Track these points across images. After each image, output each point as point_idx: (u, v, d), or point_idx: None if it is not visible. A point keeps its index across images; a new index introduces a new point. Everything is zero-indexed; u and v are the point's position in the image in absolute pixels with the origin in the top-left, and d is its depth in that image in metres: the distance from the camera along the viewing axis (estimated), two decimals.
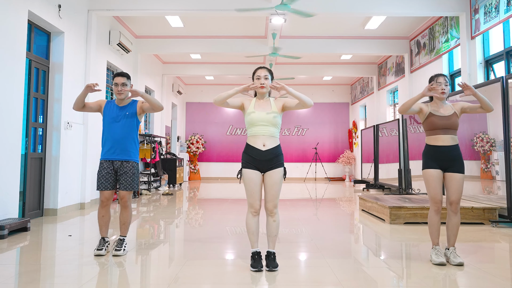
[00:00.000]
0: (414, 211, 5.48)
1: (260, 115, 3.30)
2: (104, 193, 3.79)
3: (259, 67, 3.44)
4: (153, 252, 3.98)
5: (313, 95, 15.98)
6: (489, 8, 6.77)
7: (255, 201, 3.28)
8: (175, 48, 10.32)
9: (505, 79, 5.32)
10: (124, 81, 3.81)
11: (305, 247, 4.18)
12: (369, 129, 11.67)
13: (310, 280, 3.05)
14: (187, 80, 15.43)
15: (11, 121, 5.11)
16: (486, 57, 7.21)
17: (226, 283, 2.98)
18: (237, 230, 5.03)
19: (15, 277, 3.09)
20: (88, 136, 7.17)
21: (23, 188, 5.72)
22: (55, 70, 6.45)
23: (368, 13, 7.79)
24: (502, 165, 5.68)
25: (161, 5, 7.52)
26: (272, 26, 8.77)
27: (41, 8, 5.84)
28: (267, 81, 3.37)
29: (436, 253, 3.45)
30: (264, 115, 3.30)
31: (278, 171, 3.30)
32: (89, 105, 3.89)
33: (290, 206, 7.57)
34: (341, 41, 10.35)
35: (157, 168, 10.75)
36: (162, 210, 7.07)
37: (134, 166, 3.83)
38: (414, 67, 9.94)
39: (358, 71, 12.93)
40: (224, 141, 16.01)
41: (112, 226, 5.07)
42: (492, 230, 5.07)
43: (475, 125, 6.52)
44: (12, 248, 4.10)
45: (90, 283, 2.94)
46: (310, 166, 15.86)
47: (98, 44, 7.80)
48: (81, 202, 7.00)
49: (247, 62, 12.48)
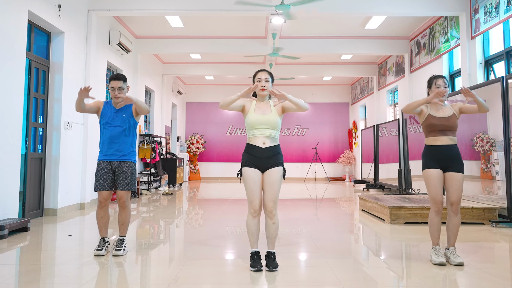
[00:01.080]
0: (414, 211, 5.48)
1: (260, 117, 3.32)
2: (102, 193, 3.79)
3: (259, 70, 3.47)
4: (153, 252, 3.98)
5: (313, 95, 15.99)
6: (489, 8, 6.77)
7: (254, 200, 3.29)
8: (175, 48, 10.32)
9: (505, 79, 5.32)
10: (120, 84, 3.80)
11: (305, 247, 4.18)
12: (369, 129, 11.67)
13: (310, 280, 3.05)
14: (187, 80, 15.43)
15: (11, 121, 5.11)
16: (486, 57, 7.21)
17: (226, 283, 2.98)
18: (237, 230, 5.03)
19: (15, 277, 3.09)
20: (88, 136, 7.17)
21: (23, 188, 5.72)
22: (55, 70, 6.45)
23: (368, 13, 7.79)
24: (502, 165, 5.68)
25: (161, 5, 7.52)
26: (272, 26, 8.77)
27: (41, 8, 5.84)
28: (268, 83, 3.39)
29: (436, 253, 3.45)
30: (264, 118, 3.32)
31: (277, 169, 3.31)
32: (89, 106, 3.89)
33: (290, 206, 7.57)
34: (341, 41, 10.35)
35: (157, 168, 10.75)
36: (162, 210, 7.07)
37: (132, 166, 3.84)
38: (414, 67, 9.94)
39: (358, 71, 12.93)
40: (224, 141, 16.01)
41: (112, 226, 5.07)
42: (492, 230, 5.07)
43: (475, 125, 6.52)
44: (12, 248, 4.10)
45: (90, 283, 2.94)
46: (310, 166, 15.85)
47: (98, 44, 7.80)
48: (81, 202, 7.00)
49: (247, 62, 12.48)
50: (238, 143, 15.82)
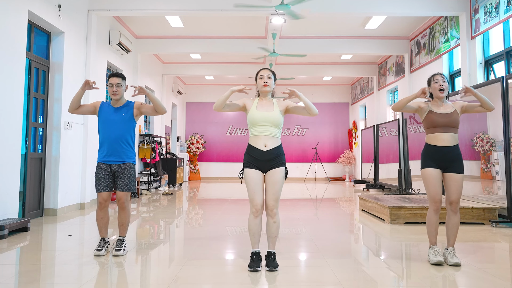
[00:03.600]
0: (414, 211, 5.48)
1: (262, 115, 3.31)
2: (102, 194, 3.79)
3: (262, 68, 3.47)
4: (153, 252, 3.98)
5: (313, 95, 15.98)
6: (489, 8, 6.77)
7: (256, 200, 3.28)
8: (175, 48, 10.31)
9: (505, 79, 5.32)
10: (119, 81, 3.81)
11: (305, 247, 4.18)
12: (369, 129, 11.67)
13: (310, 280, 3.05)
14: (187, 80, 15.43)
15: (11, 121, 5.11)
16: (486, 57, 7.21)
17: (226, 283, 2.98)
18: (237, 230, 5.03)
19: (15, 277, 3.09)
20: (88, 136, 7.17)
21: (23, 188, 5.72)
22: (55, 70, 6.45)
23: (368, 13, 7.79)
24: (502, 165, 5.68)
25: (161, 5, 7.52)
26: (272, 26, 8.77)
27: (41, 8, 5.84)
28: (270, 80, 3.39)
29: (434, 253, 3.45)
30: (266, 115, 3.31)
31: (279, 170, 3.30)
32: (84, 107, 3.88)
33: (290, 206, 7.57)
34: (341, 41, 10.35)
35: (157, 168, 10.75)
36: (162, 210, 7.07)
37: (131, 167, 3.84)
38: (414, 67, 9.94)
39: (358, 71, 12.93)
40: (224, 141, 16.00)
41: (112, 226, 5.07)
42: (492, 230, 5.07)
43: (475, 125, 6.52)
44: (12, 248, 4.10)
45: (90, 283, 2.94)
46: (310, 166, 15.85)
47: (98, 44, 7.79)
48: (81, 202, 7.00)
49: (247, 62, 12.49)
50: (238, 143, 15.82)
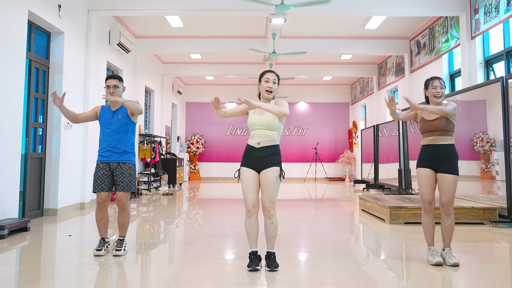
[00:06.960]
0: (414, 211, 5.48)
1: (257, 118, 3.34)
2: (101, 194, 3.79)
3: (267, 70, 3.46)
4: (153, 252, 3.98)
5: (313, 95, 16.00)
6: (489, 8, 6.77)
7: (248, 200, 3.29)
8: (175, 48, 10.31)
9: (505, 79, 5.32)
10: (116, 83, 3.82)
11: (305, 247, 4.18)
12: (369, 129, 11.67)
13: (310, 280, 3.05)
14: (187, 80, 15.43)
15: (11, 121, 5.11)
16: (486, 57, 7.21)
17: (226, 283, 2.98)
18: (237, 230, 5.03)
19: (15, 277, 3.09)
20: (88, 136, 7.17)
21: (23, 188, 5.72)
22: (55, 70, 6.45)
23: (368, 13, 7.79)
24: (502, 165, 5.67)
25: (161, 5, 7.52)
26: (272, 26, 8.77)
27: (41, 8, 5.84)
28: (275, 86, 3.38)
29: (432, 254, 3.45)
30: (259, 119, 3.32)
31: (273, 170, 3.27)
32: (85, 114, 3.89)
33: (290, 206, 7.57)
34: (341, 41, 10.35)
35: (157, 168, 10.75)
36: (162, 210, 7.07)
37: (130, 167, 3.84)
38: (414, 67, 9.94)
39: (358, 71, 12.93)
40: (224, 141, 16.01)
41: (112, 226, 5.07)
42: (492, 230, 5.07)
43: (475, 125, 6.51)
44: (12, 248, 4.10)
45: (90, 283, 2.94)
46: (310, 166, 15.85)
47: (98, 44, 7.79)
48: (81, 202, 7.00)
49: (247, 62, 12.49)
50: (238, 143, 15.82)
